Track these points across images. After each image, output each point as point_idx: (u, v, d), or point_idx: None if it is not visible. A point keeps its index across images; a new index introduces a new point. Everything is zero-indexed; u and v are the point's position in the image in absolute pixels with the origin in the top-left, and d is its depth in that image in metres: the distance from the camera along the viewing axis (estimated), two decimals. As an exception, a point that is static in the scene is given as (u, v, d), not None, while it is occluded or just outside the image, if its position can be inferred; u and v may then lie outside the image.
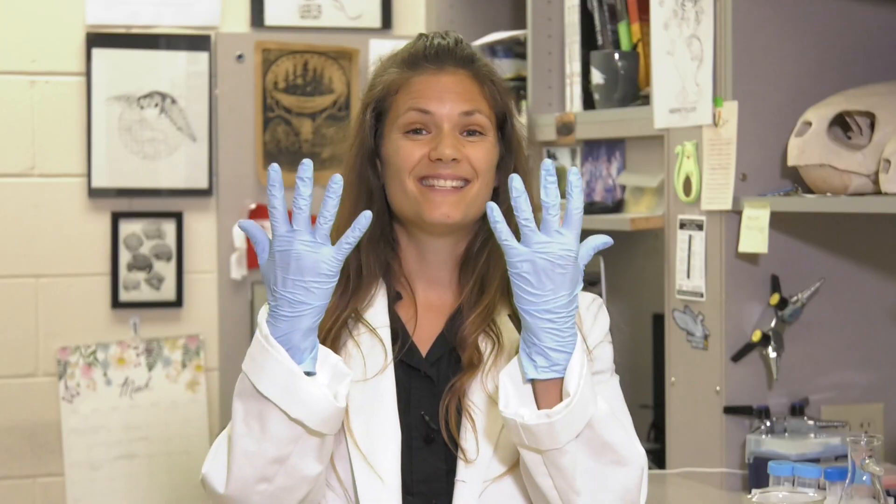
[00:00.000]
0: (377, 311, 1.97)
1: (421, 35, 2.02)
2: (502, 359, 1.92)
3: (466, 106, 1.94)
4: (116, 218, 4.13)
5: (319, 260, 1.73)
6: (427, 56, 1.97)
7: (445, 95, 1.94)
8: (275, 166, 1.73)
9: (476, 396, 1.90)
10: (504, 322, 1.94)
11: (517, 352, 1.82)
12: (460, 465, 1.89)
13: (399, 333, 1.96)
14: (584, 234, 1.85)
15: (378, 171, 1.98)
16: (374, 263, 1.97)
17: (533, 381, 1.77)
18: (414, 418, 1.92)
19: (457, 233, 1.97)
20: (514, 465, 1.87)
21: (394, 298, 1.98)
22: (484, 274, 1.96)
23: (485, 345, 1.93)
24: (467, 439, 1.89)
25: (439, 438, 1.90)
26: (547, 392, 1.77)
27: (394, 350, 1.94)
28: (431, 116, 1.93)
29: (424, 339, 1.97)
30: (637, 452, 1.84)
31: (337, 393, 1.78)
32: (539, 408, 1.76)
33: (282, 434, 1.77)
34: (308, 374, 1.78)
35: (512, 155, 2.00)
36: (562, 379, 1.76)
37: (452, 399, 1.90)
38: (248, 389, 1.78)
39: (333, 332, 1.93)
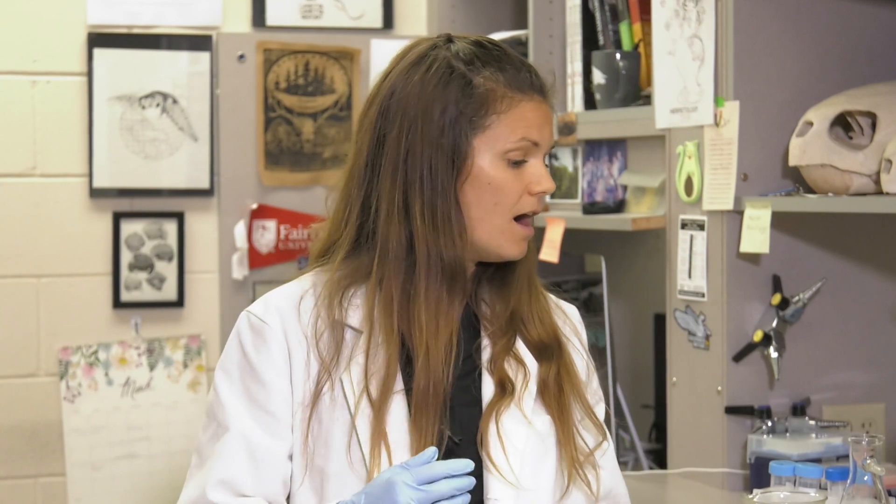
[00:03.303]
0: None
1: (485, 41, 1.93)
2: (531, 383, 1.92)
3: (552, 139, 1.93)
4: (118, 218, 4.14)
5: None
6: (533, 84, 1.91)
7: (546, 128, 1.91)
8: None
9: (509, 420, 1.89)
10: (518, 344, 1.95)
11: (543, 375, 1.90)
12: (494, 484, 1.87)
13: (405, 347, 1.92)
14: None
15: (451, 173, 1.88)
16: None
17: None
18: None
19: None
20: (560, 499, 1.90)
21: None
22: (511, 296, 1.95)
23: (512, 370, 1.92)
24: (499, 460, 1.87)
25: (458, 453, 1.86)
26: None
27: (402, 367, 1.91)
28: (537, 149, 1.90)
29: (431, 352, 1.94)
30: None
31: None
32: None
33: None
34: None
35: None
36: None
37: (488, 422, 1.88)
38: None
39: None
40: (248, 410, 1.88)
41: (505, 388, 1.90)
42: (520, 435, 1.89)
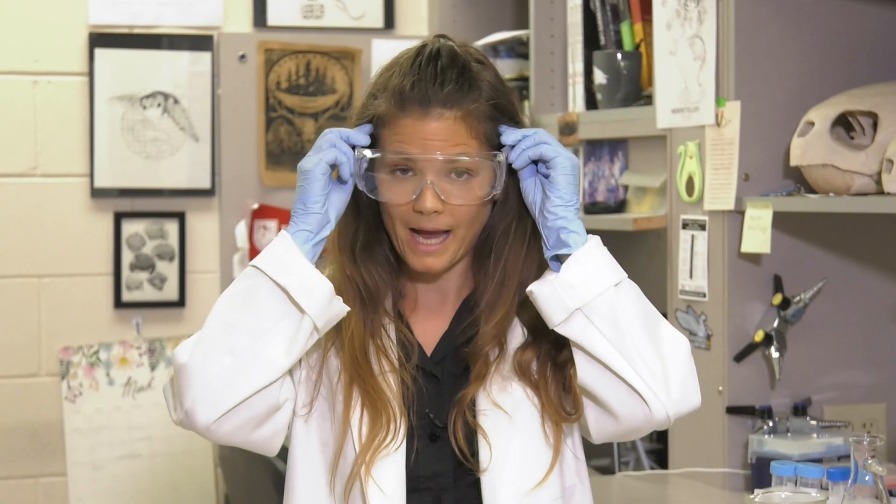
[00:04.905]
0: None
1: (421, 48, 1.94)
2: (504, 365, 1.93)
3: (450, 153, 1.87)
4: (119, 218, 4.14)
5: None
6: (414, 97, 1.88)
7: (429, 143, 1.87)
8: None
9: (484, 404, 1.91)
10: (511, 328, 1.95)
11: (519, 358, 1.89)
12: (480, 475, 1.90)
13: (404, 331, 1.96)
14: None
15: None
16: (377, 277, 1.96)
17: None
18: (419, 416, 1.93)
19: None
20: (539, 482, 1.89)
21: (397, 295, 1.98)
22: (502, 279, 1.94)
23: (492, 354, 1.93)
24: (479, 448, 1.90)
25: (444, 436, 1.91)
26: None
27: (401, 349, 1.94)
28: (415, 163, 1.88)
29: (428, 336, 1.97)
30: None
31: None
32: None
33: (266, 305, 1.82)
34: None
35: (514, 178, 1.93)
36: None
37: (460, 410, 1.91)
38: (244, 274, 1.85)
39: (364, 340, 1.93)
40: None
41: (479, 375, 1.92)
42: (485, 418, 1.90)
